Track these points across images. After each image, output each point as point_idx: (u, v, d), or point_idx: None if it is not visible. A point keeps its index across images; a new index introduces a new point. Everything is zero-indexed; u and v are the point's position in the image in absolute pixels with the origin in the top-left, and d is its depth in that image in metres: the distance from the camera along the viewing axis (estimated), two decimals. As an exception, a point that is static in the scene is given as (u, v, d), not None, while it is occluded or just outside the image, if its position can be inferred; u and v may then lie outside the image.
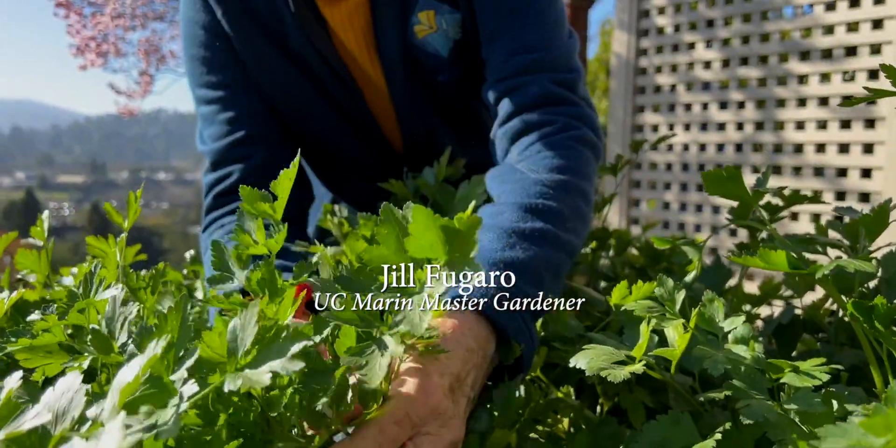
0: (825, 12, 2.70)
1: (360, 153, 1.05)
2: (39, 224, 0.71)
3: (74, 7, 5.97)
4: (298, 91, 0.97)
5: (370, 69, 0.97)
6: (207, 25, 0.93)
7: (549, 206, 0.69)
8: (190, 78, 0.97)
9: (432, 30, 0.92)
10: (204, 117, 0.95)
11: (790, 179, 2.81)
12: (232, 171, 0.92)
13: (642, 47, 3.38)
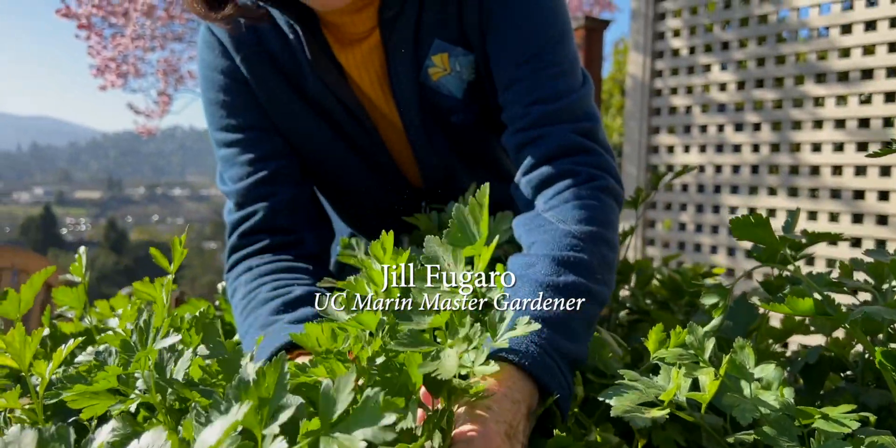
0: (841, 35, 2.71)
1: (378, 190, 1.06)
2: (78, 261, 0.73)
3: (95, 28, 6.07)
4: (316, 132, 0.99)
5: (386, 110, 0.99)
6: (226, 70, 0.95)
7: (579, 259, 0.71)
8: (209, 121, 0.99)
9: (446, 72, 0.94)
10: (225, 159, 0.97)
11: (807, 201, 2.81)
12: (256, 211, 0.93)
13: (657, 69, 3.40)
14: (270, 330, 0.75)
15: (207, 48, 0.97)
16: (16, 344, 0.49)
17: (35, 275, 0.78)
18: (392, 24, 0.91)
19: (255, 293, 0.84)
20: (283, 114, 0.97)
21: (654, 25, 3.40)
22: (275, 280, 0.85)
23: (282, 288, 0.83)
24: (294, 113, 0.97)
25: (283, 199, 0.94)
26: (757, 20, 3.00)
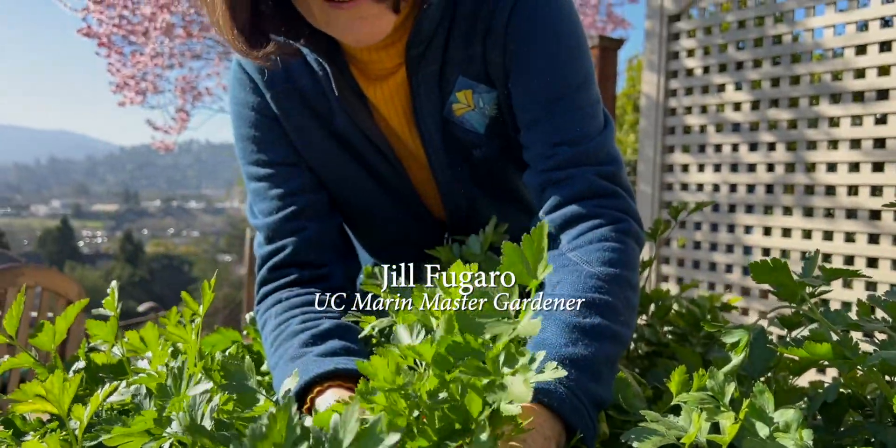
0: (856, 56, 2.72)
1: (401, 221, 1.09)
2: (111, 295, 0.75)
3: (115, 46, 6.17)
4: (343, 165, 1.01)
5: (411, 144, 1.02)
6: (257, 106, 0.98)
7: (605, 301, 0.73)
8: (241, 155, 1.01)
9: (470, 108, 0.96)
10: (255, 193, 0.99)
11: (823, 221, 2.80)
12: (286, 245, 0.96)
13: (672, 88, 3.41)
14: (300, 363, 0.76)
15: (238, 84, 1.00)
16: (55, 390, 0.51)
17: (70, 307, 0.81)
18: (418, 62, 0.93)
19: (286, 326, 0.86)
20: (312, 148, 0.99)
21: (668, 45, 3.42)
22: (304, 313, 0.87)
23: (311, 321, 0.85)
24: (322, 147, 0.99)
25: (312, 234, 0.97)
26: (771, 40, 3.02)
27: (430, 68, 0.94)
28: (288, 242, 0.96)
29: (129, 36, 5.88)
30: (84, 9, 5.88)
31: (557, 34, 0.91)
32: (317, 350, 0.79)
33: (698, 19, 3.32)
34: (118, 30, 5.78)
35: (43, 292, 2.61)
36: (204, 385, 0.50)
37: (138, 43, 6.05)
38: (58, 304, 2.74)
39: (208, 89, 6.87)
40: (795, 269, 2.24)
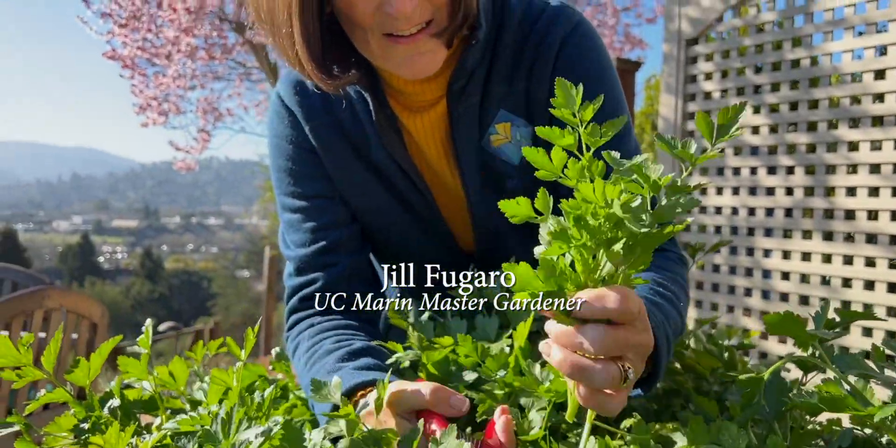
0: (875, 80, 2.72)
1: (429, 252, 1.11)
2: (146, 334, 0.78)
3: (139, 68, 6.29)
4: (377, 196, 1.04)
5: (446, 174, 1.05)
6: (295, 140, 1.01)
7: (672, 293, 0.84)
8: (277, 186, 1.04)
9: (507, 140, 1.00)
10: (289, 223, 1.02)
11: (842, 246, 2.79)
12: (317, 278, 0.99)
13: (689, 111, 3.42)
14: (339, 375, 0.79)
15: (278, 118, 1.03)
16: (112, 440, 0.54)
17: (104, 344, 0.83)
18: (459, 94, 0.97)
19: (319, 345, 0.90)
20: (348, 179, 1.02)
21: (685, 68, 3.44)
22: (336, 335, 0.91)
23: (344, 340, 0.89)
24: (358, 179, 1.03)
25: (342, 269, 1.00)
26: (790, 64, 3.03)
27: (470, 100, 0.97)
28: (319, 276, 0.99)
29: (153, 58, 6.00)
30: (109, 32, 6.01)
31: (601, 73, 0.96)
32: (353, 364, 0.83)
33: (716, 43, 3.34)
34: (142, 52, 5.90)
35: (68, 314, 2.66)
36: (253, 431, 0.52)
37: (161, 65, 6.16)
38: (82, 325, 2.79)
39: (229, 110, 6.98)
40: (815, 293, 2.25)
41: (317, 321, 0.96)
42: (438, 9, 0.84)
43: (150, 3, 5.66)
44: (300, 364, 0.91)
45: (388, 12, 0.80)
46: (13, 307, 2.35)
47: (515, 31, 0.97)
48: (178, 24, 5.32)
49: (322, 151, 1.01)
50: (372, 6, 0.82)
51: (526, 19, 0.97)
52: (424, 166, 1.04)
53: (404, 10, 0.79)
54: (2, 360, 0.77)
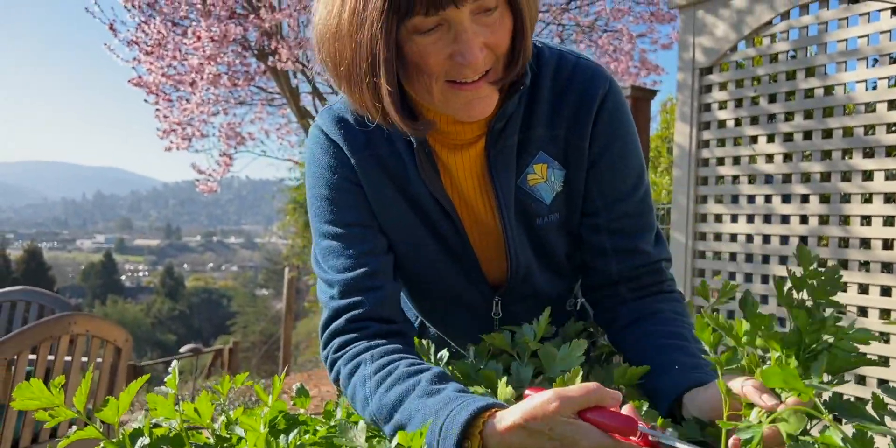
0: (888, 110, 2.74)
1: (456, 285, 1.15)
2: (173, 374, 0.82)
3: (164, 94, 6.43)
4: (413, 229, 1.09)
5: (481, 209, 1.10)
6: (340, 170, 1.05)
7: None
8: (316, 213, 1.08)
9: (542, 180, 1.07)
10: (329, 250, 1.05)
11: (859, 275, 2.79)
12: (363, 301, 1.01)
13: (704, 139, 3.45)
14: (443, 397, 0.81)
15: (321, 149, 1.07)
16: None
17: (132, 383, 0.88)
18: (499, 135, 1.03)
19: (393, 367, 0.91)
20: (386, 211, 1.07)
21: (700, 97, 3.47)
22: (405, 358, 0.93)
23: (419, 364, 0.91)
24: (396, 211, 1.07)
25: (386, 293, 1.03)
26: (803, 94, 3.05)
27: (509, 141, 1.04)
28: (364, 298, 1.02)
29: (178, 85, 6.13)
30: (135, 59, 6.16)
31: (632, 127, 1.08)
32: (451, 387, 0.83)
33: (730, 72, 3.38)
34: (166, 79, 6.03)
35: (92, 338, 2.73)
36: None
37: (185, 91, 6.30)
38: (106, 349, 2.85)
39: (251, 134, 7.09)
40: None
41: (375, 344, 0.97)
42: (498, 59, 0.92)
43: (175, 31, 5.81)
44: (368, 385, 0.91)
45: (459, 62, 0.88)
46: (41, 332, 2.41)
47: (552, 79, 1.05)
48: (203, 52, 5.44)
49: (365, 183, 1.06)
50: (443, 56, 0.89)
51: (561, 69, 1.05)
52: (459, 201, 1.09)
53: (475, 61, 0.87)
54: (35, 403, 0.82)
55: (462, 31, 0.87)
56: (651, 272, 1.09)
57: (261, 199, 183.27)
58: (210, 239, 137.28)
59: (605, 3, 6.47)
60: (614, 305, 1.09)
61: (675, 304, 1.07)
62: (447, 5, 0.83)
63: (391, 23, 0.85)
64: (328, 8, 0.90)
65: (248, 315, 34.95)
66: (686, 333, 0.99)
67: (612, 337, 1.09)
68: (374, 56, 0.87)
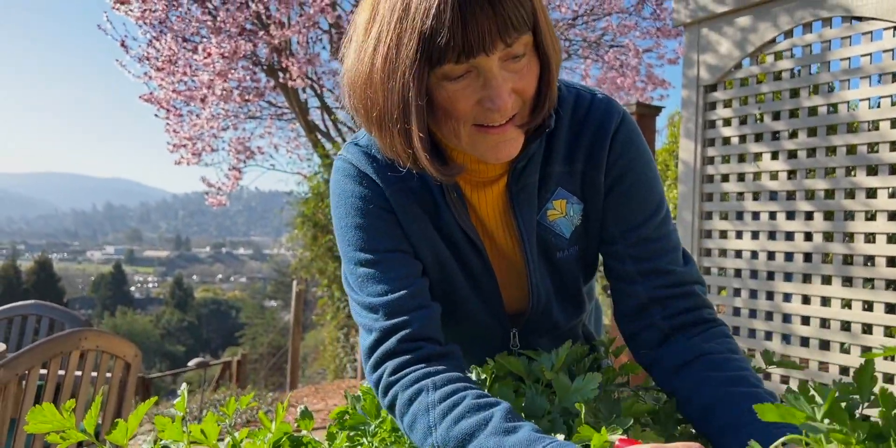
0: (891, 129, 2.76)
1: (478, 315, 1.18)
2: (182, 397, 0.85)
3: (175, 110, 6.50)
4: (444, 260, 1.11)
5: (505, 244, 1.13)
6: (374, 198, 1.07)
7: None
8: (349, 243, 1.08)
9: (562, 215, 1.10)
10: (367, 276, 1.05)
11: (862, 291, 2.80)
12: (411, 320, 1.01)
13: (709, 156, 3.48)
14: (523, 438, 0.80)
15: (351, 180, 1.09)
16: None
17: (141, 405, 0.91)
18: (520, 173, 1.07)
19: (460, 397, 0.90)
20: (419, 239, 1.09)
21: (704, 114, 3.50)
22: (470, 388, 0.92)
23: (485, 397, 0.90)
24: (428, 240, 1.10)
25: (432, 313, 1.04)
26: (807, 111, 3.08)
27: (530, 179, 1.07)
28: (412, 318, 1.01)
29: (189, 101, 6.20)
30: (146, 74, 6.24)
31: (649, 157, 1.10)
32: (528, 426, 0.83)
33: (735, 89, 3.40)
34: (177, 95, 6.10)
35: (102, 354, 2.76)
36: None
37: (196, 106, 6.37)
38: (116, 365, 2.88)
39: (260, 148, 7.15)
40: (835, 338, 2.26)
41: (435, 370, 0.97)
42: (525, 103, 0.95)
43: (186, 47, 5.88)
44: (432, 415, 0.90)
45: (488, 107, 0.90)
46: (52, 348, 2.45)
47: (570, 117, 1.08)
48: (213, 68, 5.51)
49: (398, 213, 1.08)
50: (472, 101, 0.91)
51: (578, 107, 1.09)
52: (484, 235, 1.13)
53: (504, 107, 0.90)
54: (47, 426, 0.85)
55: (491, 78, 0.89)
56: (683, 296, 1.05)
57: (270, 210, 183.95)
58: (219, 250, 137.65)
59: (611, 19, 6.52)
60: (655, 343, 1.06)
61: (726, 340, 1.02)
62: (478, 53, 0.86)
63: (423, 71, 0.87)
64: (360, 56, 0.93)
65: (256, 327, 34.97)
66: (748, 377, 0.94)
67: (661, 381, 1.04)
68: (406, 103, 0.89)
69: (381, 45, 0.89)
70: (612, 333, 3.96)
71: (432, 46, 0.85)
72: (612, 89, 6.79)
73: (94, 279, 65.84)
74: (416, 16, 0.85)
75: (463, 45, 0.85)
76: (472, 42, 0.85)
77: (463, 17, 0.84)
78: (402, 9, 0.86)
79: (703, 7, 3.49)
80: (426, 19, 0.84)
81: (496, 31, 0.85)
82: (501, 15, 0.85)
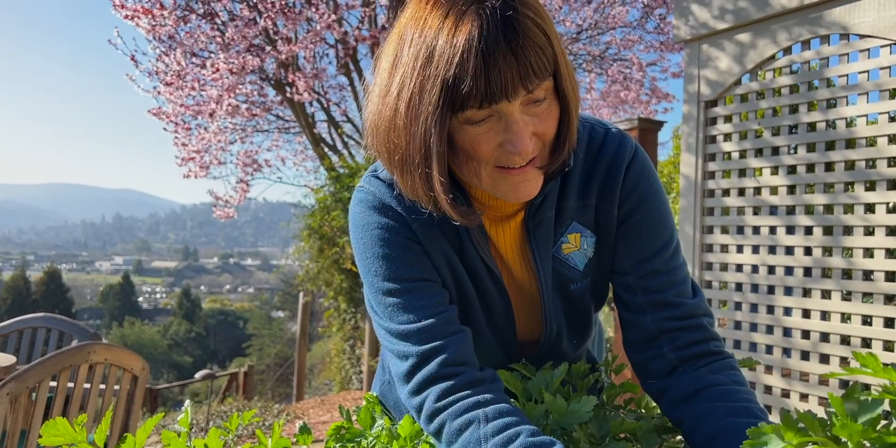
0: (889, 145, 2.79)
1: (492, 345, 1.22)
2: (185, 414, 0.89)
3: (183, 123, 6.59)
4: (467, 291, 1.15)
5: (521, 276, 1.17)
6: (400, 229, 1.09)
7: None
8: (374, 273, 1.09)
9: (576, 248, 1.14)
10: (396, 306, 1.07)
11: (861, 306, 2.83)
12: (447, 345, 1.02)
13: (710, 170, 3.51)
14: None
15: (374, 211, 1.10)
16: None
17: (149, 420, 0.95)
18: (538, 209, 1.10)
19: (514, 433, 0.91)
20: (444, 270, 1.12)
21: (705, 129, 3.54)
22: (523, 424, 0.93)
23: (539, 434, 0.91)
24: (451, 270, 1.13)
25: (467, 337, 1.06)
26: (806, 127, 3.11)
27: (546, 214, 1.11)
28: (448, 342, 1.02)
29: (197, 116, 6.28)
30: (155, 89, 6.33)
31: (660, 190, 1.14)
32: None
33: (735, 105, 3.44)
34: (185, 110, 6.19)
35: (110, 367, 2.81)
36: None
37: (204, 120, 6.45)
38: (124, 377, 2.93)
39: (267, 161, 7.24)
40: (835, 352, 2.30)
41: (484, 399, 0.97)
42: (545, 146, 0.98)
43: (194, 62, 5.96)
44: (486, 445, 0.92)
45: (510, 150, 0.93)
46: (62, 361, 2.50)
47: (584, 152, 1.12)
48: (222, 84, 5.58)
49: (424, 243, 1.10)
50: (494, 144, 0.94)
51: (592, 142, 1.12)
52: (502, 267, 1.17)
53: (526, 150, 0.93)
54: (60, 439, 0.89)
55: (513, 122, 0.91)
56: (692, 328, 1.08)
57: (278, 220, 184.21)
58: (227, 261, 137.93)
59: (615, 33, 6.57)
60: (663, 373, 1.09)
61: (732, 372, 1.05)
62: (500, 100, 0.88)
63: (445, 116, 0.89)
64: (384, 99, 0.95)
65: (263, 338, 34.94)
66: (753, 408, 0.97)
67: (668, 411, 1.06)
68: (428, 148, 0.92)
69: (404, 90, 0.91)
70: (615, 351, 3.99)
71: (456, 93, 0.87)
72: (616, 102, 6.84)
73: (102, 289, 66.02)
74: (439, 63, 0.87)
75: (486, 92, 0.87)
76: (495, 89, 0.87)
77: (486, 66, 0.86)
78: (426, 56, 0.88)
79: (703, 24, 3.54)
80: (450, 67, 0.86)
81: (518, 79, 0.87)
82: (524, 63, 0.87)
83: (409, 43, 0.91)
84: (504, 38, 0.85)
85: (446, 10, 0.88)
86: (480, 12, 0.86)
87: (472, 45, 0.85)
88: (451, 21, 0.87)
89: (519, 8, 0.87)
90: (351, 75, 6.31)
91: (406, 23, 0.93)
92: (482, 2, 0.87)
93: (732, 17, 3.41)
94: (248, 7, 5.56)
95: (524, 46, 0.86)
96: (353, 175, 6.14)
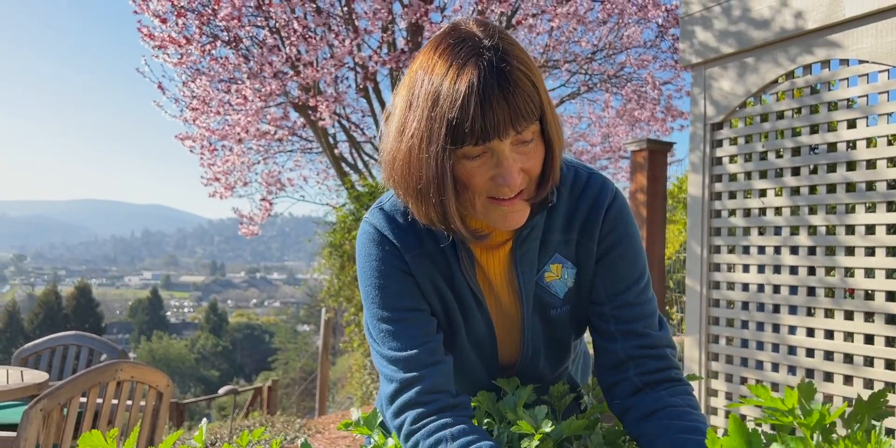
0: (887, 168, 2.86)
1: (473, 367, 1.34)
2: (200, 432, 1.01)
3: (209, 146, 6.78)
4: (453, 316, 1.28)
5: (506, 300, 1.29)
6: (395, 264, 1.23)
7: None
8: (372, 300, 1.24)
9: (557, 277, 1.26)
10: (388, 333, 1.21)
11: (863, 325, 2.88)
12: (426, 375, 1.17)
13: (716, 191, 3.59)
14: None
15: (374, 245, 1.25)
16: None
17: (169, 437, 1.08)
18: (525, 239, 1.23)
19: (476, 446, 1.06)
20: (433, 297, 1.26)
21: (711, 151, 3.62)
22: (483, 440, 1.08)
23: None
24: (441, 297, 1.26)
25: (447, 368, 1.20)
26: (808, 150, 3.19)
27: (532, 244, 1.24)
28: (428, 372, 1.17)
29: (224, 139, 6.47)
30: (181, 114, 6.53)
31: (635, 231, 1.27)
32: None
33: (739, 127, 3.53)
34: (212, 133, 6.38)
35: (137, 384, 2.95)
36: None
37: (230, 142, 6.64)
38: (149, 394, 3.07)
39: (290, 180, 7.41)
40: (838, 370, 2.38)
41: (450, 421, 1.12)
42: (531, 180, 1.12)
43: (220, 87, 6.16)
44: None
45: (500, 183, 1.07)
46: (91, 379, 2.65)
47: (569, 192, 1.25)
48: (248, 108, 5.75)
49: (416, 275, 1.24)
50: (486, 177, 1.08)
51: (576, 184, 1.26)
52: (489, 291, 1.29)
53: (514, 183, 1.07)
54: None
55: (504, 159, 1.05)
56: (656, 357, 1.20)
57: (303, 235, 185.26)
58: (254, 275, 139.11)
59: (629, 52, 6.67)
60: (627, 394, 1.21)
61: (688, 397, 1.18)
62: (493, 138, 1.02)
63: (449, 152, 1.04)
64: (402, 136, 1.09)
65: (289, 351, 35.10)
66: (702, 428, 1.09)
67: (629, 427, 1.18)
68: (440, 178, 1.06)
69: (417, 128, 1.05)
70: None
71: (458, 131, 1.02)
72: (631, 121, 6.93)
73: (131, 304, 66.90)
74: (444, 105, 1.02)
75: (482, 132, 1.01)
76: (489, 129, 1.01)
77: (482, 109, 1.00)
78: (433, 99, 1.03)
79: (708, 48, 3.64)
80: (452, 109, 1.01)
81: (509, 121, 1.01)
82: (514, 107, 1.01)
83: (420, 85, 1.06)
84: (498, 86, 1.00)
85: (451, 60, 1.03)
86: (479, 63, 1.01)
87: (472, 90, 1.00)
88: (455, 70, 1.02)
89: (511, 61, 1.02)
90: (370, 96, 6.47)
91: (417, 68, 1.08)
92: (480, 55, 1.02)
93: (735, 42, 3.50)
94: (271, 33, 5.75)
95: (515, 93, 1.01)
96: (373, 194, 6.28)
